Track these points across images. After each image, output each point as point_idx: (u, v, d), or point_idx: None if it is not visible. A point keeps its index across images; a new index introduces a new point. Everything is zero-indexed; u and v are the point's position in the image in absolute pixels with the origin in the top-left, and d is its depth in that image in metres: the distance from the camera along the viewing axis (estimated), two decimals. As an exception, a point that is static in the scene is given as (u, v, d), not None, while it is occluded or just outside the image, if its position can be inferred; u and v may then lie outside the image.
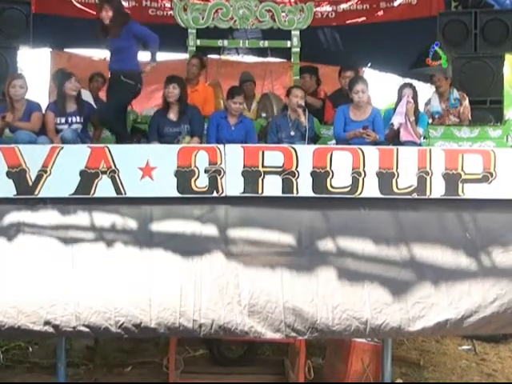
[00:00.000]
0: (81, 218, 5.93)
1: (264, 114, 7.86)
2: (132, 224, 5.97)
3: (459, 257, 5.93)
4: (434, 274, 5.89)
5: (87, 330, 5.68)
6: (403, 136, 6.74)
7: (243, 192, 5.96)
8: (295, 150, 6.00)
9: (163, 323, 5.70)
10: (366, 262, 5.90)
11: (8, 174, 5.87)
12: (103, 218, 5.95)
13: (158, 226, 5.95)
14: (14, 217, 5.92)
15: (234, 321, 5.73)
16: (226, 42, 8.36)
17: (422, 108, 7.58)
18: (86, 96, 7.40)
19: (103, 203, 5.94)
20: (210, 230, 5.95)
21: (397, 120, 6.75)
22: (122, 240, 5.87)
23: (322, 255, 5.92)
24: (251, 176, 5.95)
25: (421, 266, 5.91)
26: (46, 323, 5.67)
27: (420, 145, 6.85)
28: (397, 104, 6.91)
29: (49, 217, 5.93)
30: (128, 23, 6.93)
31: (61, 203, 5.94)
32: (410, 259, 5.93)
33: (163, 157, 5.98)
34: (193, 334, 5.83)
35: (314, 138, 7.14)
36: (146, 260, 5.83)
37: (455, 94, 7.72)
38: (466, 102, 7.68)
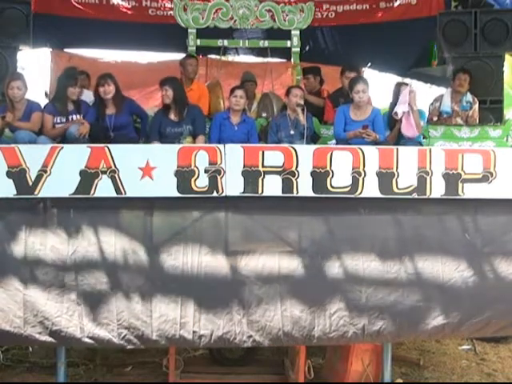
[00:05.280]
0: (81, 219, 5.94)
1: (264, 114, 7.85)
2: (132, 224, 5.99)
3: (458, 258, 5.94)
4: (433, 277, 5.90)
5: (91, 341, 5.77)
6: (404, 127, 6.73)
7: (243, 192, 5.95)
8: (295, 150, 5.99)
9: (164, 335, 5.78)
10: (365, 265, 5.91)
11: (8, 174, 5.86)
12: (103, 219, 5.95)
13: (158, 226, 5.96)
14: (14, 218, 5.93)
15: (233, 330, 5.78)
16: (225, 42, 8.36)
17: (430, 103, 7.66)
18: (89, 96, 7.40)
19: (103, 203, 5.95)
20: (210, 231, 5.97)
21: (400, 109, 6.73)
22: (122, 242, 5.89)
23: (321, 256, 5.93)
24: (251, 176, 5.94)
25: (420, 268, 5.92)
26: (51, 334, 5.72)
27: (421, 144, 6.86)
28: (392, 104, 6.92)
29: (49, 218, 5.94)
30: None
31: (61, 203, 5.94)
32: (409, 261, 5.94)
33: (163, 157, 5.98)
34: (193, 345, 5.91)
35: (314, 138, 7.15)
36: (147, 266, 5.86)
37: (468, 96, 7.71)
38: (476, 106, 7.68)
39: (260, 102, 8.34)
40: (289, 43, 8.00)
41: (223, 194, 5.95)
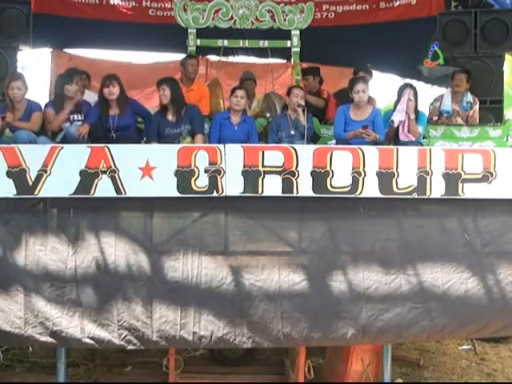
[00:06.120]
0: (81, 219, 5.94)
1: (268, 114, 7.86)
2: (132, 224, 5.99)
3: (458, 259, 5.95)
4: (432, 278, 5.91)
5: (92, 342, 5.78)
6: (401, 134, 6.75)
7: (243, 192, 5.96)
8: (295, 150, 5.99)
9: (164, 336, 5.79)
10: (365, 265, 5.91)
11: (8, 174, 5.86)
12: (103, 219, 5.96)
13: (158, 226, 5.96)
14: (14, 218, 5.93)
15: (233, 331, 5.79)
16: (225, 42, 8.35)
17: (430, 103, 7.63)
18: (91, 96, 7.40)
19: (103, 203, 5.94)
20: (210, 231, 5.97)
21: (397, 117, 6.76)
22: (122, 242, 5.89)
23: (320, 256, 5.94)
24: (251, 176, 5.94)
25: (419, 268, 5.92)
26: (52, 335, 5.72)
27: (421, 144, 6.86)
28: (396, 103, 6.92)
29: (49, 218, 5.95)
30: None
31: (61, 203, 5.94)
32: (408, 262, 5.94)
33: (163, 157, 5.98)
34: (193, 346, 5.92)
35: (314, 138, 7.14)
36: (146, 266, 5.87)
37: (469, 97, 7.71)
38: (477, 107, 7.68)
39: (263, 103, 8.35)
40: (289, 43, 8.00)
41: (223, 194, 5.95)
